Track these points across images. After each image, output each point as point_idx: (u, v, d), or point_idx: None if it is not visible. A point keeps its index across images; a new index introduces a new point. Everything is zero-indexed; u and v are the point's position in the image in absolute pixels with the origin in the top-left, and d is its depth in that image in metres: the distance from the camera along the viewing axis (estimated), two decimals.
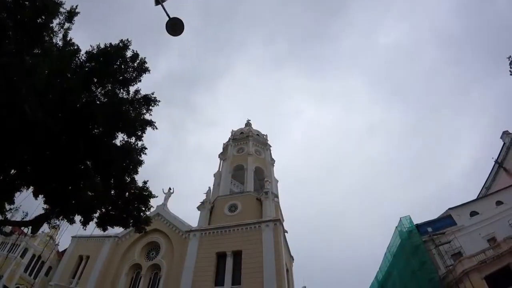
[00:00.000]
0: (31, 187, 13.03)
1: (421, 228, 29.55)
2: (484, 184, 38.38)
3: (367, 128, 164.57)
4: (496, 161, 35.81)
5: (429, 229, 29.24)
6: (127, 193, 13.99)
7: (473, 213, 29.29)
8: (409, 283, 27.72)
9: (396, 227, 31.04)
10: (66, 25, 12.08)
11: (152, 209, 15.73)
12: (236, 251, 28.28)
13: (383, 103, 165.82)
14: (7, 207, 13.57)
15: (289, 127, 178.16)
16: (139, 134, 13.79)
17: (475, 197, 36.45)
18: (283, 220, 32.69)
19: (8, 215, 13.98)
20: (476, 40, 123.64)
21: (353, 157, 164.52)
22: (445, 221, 29.74)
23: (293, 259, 35.27)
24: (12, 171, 12.63)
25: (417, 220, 30.21)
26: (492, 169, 36.86)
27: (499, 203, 29.00)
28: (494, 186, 35.76)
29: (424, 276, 25.33)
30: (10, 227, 28.36)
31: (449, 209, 30.47)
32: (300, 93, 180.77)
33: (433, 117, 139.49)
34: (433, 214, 49.85)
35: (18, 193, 13.46)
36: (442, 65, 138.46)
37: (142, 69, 13.19)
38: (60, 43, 12.27)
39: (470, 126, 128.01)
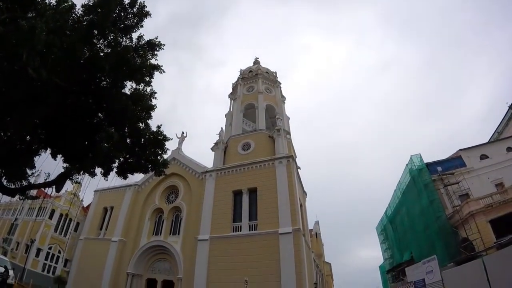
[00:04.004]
0: (49, 148, 13.31)
1: (431, 167, 29.63)
2: (497, 129, 37.49)
3: (380, 64, 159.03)
4: (510, 107, 34.59)
5: (439, 169, 29.41)
6: (142, 140, 14.13)
7: (483, 156, 29.08)
8: (417, 219, 28.62)
9: (407, 164, 31.16)
10: None
11: (168, 152, 16.11)
12: (252, 188, 29.38)
13: (397, 39, 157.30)
14: (29, 172, 13.88)
15: (299, 64, 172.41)
16: (147, 80, 13.60)
17: (486, 141, 35.80)
18: (296, 157, 33.31)
19: (32, 180, 14.30)
20: None
21: (366, 94, 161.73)
22: (455, 161, 29.73)
23: (306, 195, 36.89)
24: (28, 137, 12.83)
25: (427, 159, 30.26)
26: (506, 114, 35.68)
27: (509, 149, 28.57)
28: (507, 131, 35.00)
29: (431, 214, 25.94)
30: (35, 191, 29.45)
31: (460, 150, 30.31)
32: (309, 27, 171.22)
33: (449, 55, 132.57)
34: (443, 154, 50.10)
35: (37, 157, 13.84)
36: None
37: (142, 13, 12.52)
38: (53, 1, 11.54)
39: (487, 67, 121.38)
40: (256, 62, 48.79)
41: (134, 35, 12.92)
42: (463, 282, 15.28)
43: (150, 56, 13.34)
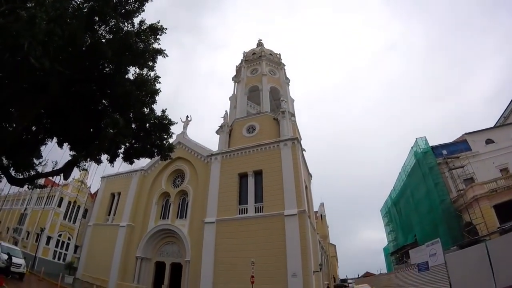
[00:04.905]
0: (55, 137, 13.48)
1: (436, 150, 29.54)
2: (503, 113, 36.68)
3: (387, 45, 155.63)
4: None
5: (444, 152, 29.24)
6: (147, 124, 14.18)
7: (489, 141, 28.86)
8: (421, 202, 28.79)
9: (412, 147, 31.14)
10: None
11: (173, 137, 16.13)
12: (257, 171, 29.32)
13: (405, 17, 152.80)
14: (36, 161, 14.14)
15: (303, 45, 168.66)
16: (150, 64, 13.52)
17: (492, 125, 35.18)
18: (301, 139, 33.11)
19: (39, 169, 14.55)
20: None
21: (372, 76, 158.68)
22: (460, 145, 29.50)
23: (311, 177, 36.87)
24: (33, 127, 12.93)
25: (433, 142, 30.15)
26: None
27: None
28: None
29: (436, 197, 26.03)
30: (43, 180, 29.72)
31: (465, 133, 30.06)
32: (313, 7, 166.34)
33: (457, 36, 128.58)
34: (449, 138, 49.67)
35: (44, 146, 14.07)
36: None
37: None
38: None
39: (494, 51, 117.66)
40: (260, 44, 47.86)
41: (136, 20, 12.77)
42: (465, 265, 15.45)
43: (153, 41, 13.15)
